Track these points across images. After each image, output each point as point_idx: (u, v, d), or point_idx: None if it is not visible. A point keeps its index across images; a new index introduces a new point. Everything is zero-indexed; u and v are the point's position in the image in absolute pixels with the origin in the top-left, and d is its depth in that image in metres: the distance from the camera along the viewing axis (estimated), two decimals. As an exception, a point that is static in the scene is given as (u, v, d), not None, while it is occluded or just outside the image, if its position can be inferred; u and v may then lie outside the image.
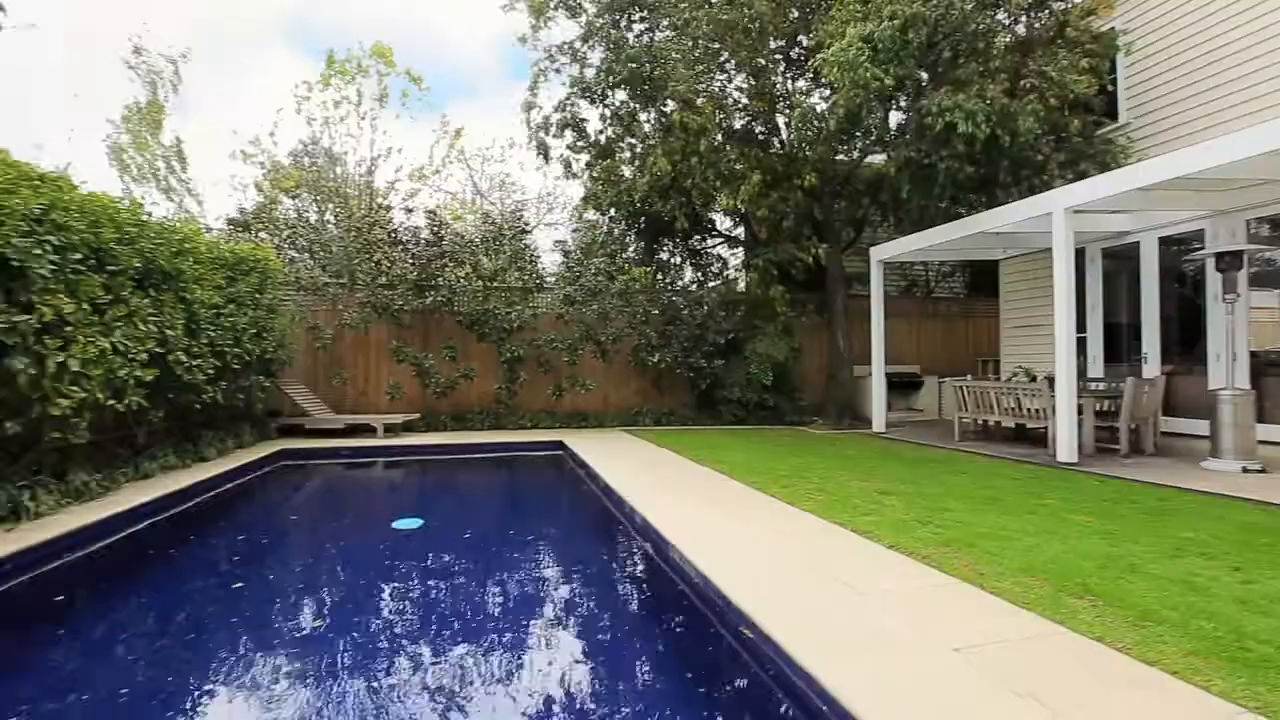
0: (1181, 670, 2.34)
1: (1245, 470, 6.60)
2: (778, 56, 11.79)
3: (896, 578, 3.42)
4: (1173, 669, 2.35)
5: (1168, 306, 8.81)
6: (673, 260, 13.46)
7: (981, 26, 8.19)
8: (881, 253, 10.45)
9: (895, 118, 10.31)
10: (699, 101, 10.11)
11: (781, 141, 11.54)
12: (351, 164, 16.95)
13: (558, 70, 12.19)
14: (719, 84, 11.72)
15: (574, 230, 14.80)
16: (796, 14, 10.98)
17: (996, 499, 5.31)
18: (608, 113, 12.03)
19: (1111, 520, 4.59)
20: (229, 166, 25.79)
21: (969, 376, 10.59)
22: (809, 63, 10.77)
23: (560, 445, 9.40)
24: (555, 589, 4.36)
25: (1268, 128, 5.81)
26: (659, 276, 12.99)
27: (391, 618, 3.80)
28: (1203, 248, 8.02)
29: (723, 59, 11.28)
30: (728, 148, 10.70)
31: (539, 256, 12.23)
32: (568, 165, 12.23)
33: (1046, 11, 8.62)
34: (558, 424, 11.37)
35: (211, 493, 6.55)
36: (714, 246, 13.65)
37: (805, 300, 12.35)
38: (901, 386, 13.15)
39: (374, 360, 11.17)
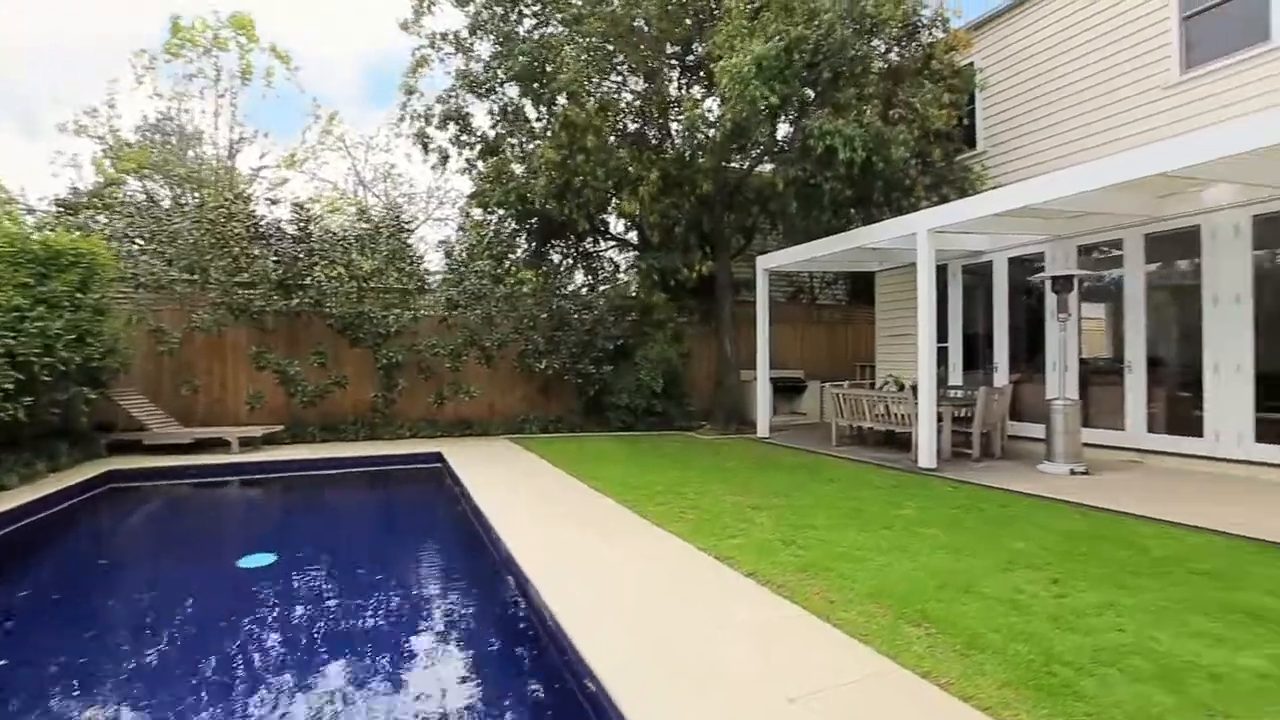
0: (994, 704, 2.42)
1: (1072, 472, 7.28)
2: (673, 61, 11.83)
3: (750, 606, 3.41)
4: (987, 703, 2.43)
5: (1016, 320, 9.59)
6: (564, 263, 13.22)
7: (858, 53, 8.54)
8: (768, 262, 10.73)
9: (786, 128, 10.60)
10: (585, 98, 9.92)
11: (674, 147, 11.61)
12: (209, 146, 15.37)
13: (442, 60, 11.62)
14: (612, 84, 11.61)
15: (459, 229, 14.18)
16: (690, 21, 11.04)
17: (860, 511, 5.51)
18: (495, 108, 11.61)
19: (958, 532, 4.86)
20: (57, 141, 22.75)
21: (846, 384, 11.10)
22: (701, 70, 10.90)
23: (439, 457, 8.94)
24: (401, 645, 3.89)
25: (1094, 166, 6.41)
26: (549, 279, 12.70)
27: (203, 695, 3.22)
28: (1045, 268, 8.83)
29: (617, 60, 11.17)
30: (620, 150, 10.59)
31: (422, 257, 11.61)
32: (445, 158, 11.69)
33: (915, 44, 9.13)
34: (440, 433, 10.84)
35: (4, 530, 5.59)
36: (607, 250, 13.55)
37: (694, 306, 12.51)
38: (786, 391, 13.63)
39: (231, 367, 10.14)
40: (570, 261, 13.35)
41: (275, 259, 9.95)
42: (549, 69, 10.13)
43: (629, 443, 10.16)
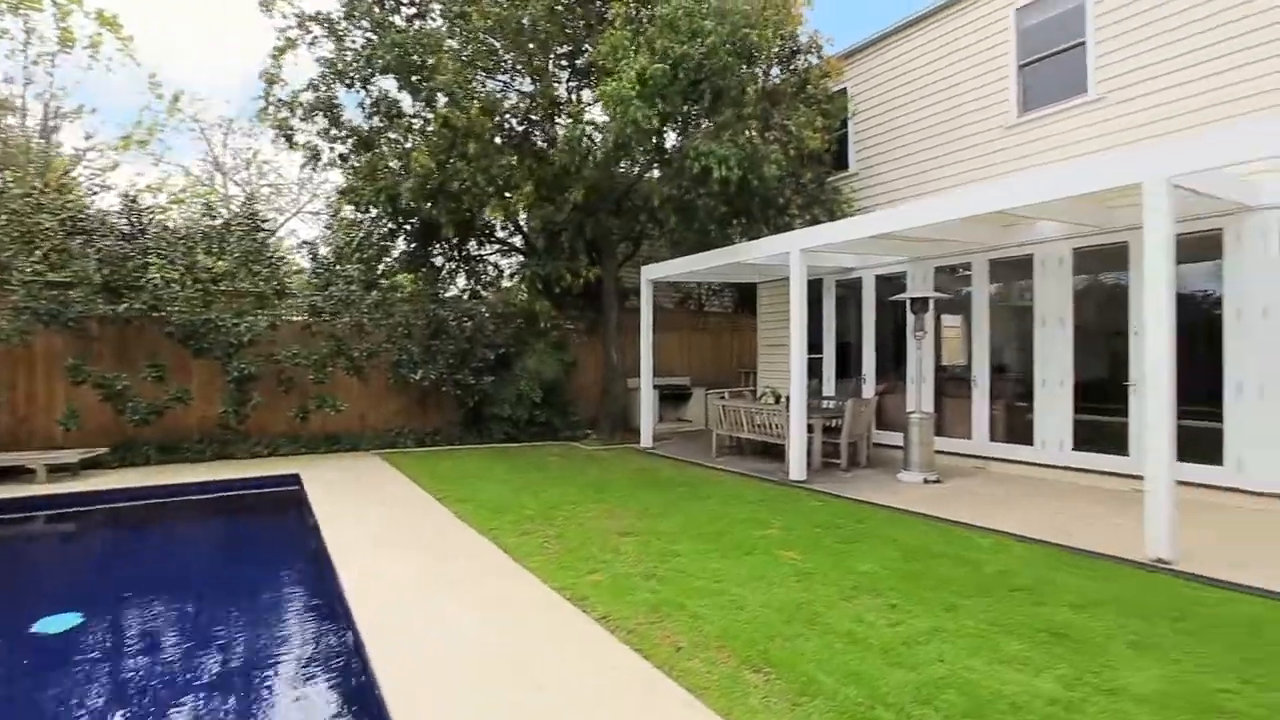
0: (817, 763, 2.44)
1: (925, 481, 7.80)
2: (563, 63, 11.55)
3: (594, 662, 3.29)
4: (810, 763, 2.44)
5: (883, 333, 10.18)
6: (446, 266, 12.62)
7: (738, 75, 8.68)
8: (651, 272, 10.75)
9: (673, 138, 10.60)
10: (467, 101, 9.46)
11: (559, 152, 11.34)
12: (13, 119, 13.29)
13: (312, 44, 10.69)
14: (499, 83, 11.18)
15: (327, 228, 13.18)
16: (579, 24, 10.81)
17: (725, 534, 5.57)
18: (368, 101, 10.85)
19: (815, 554, 5.01)
20: None
21: (726, 394, 11.37)
22: (591, 73, 10.71)
23: (296, 480, 8.21)
24: None
25: (932, 202, 6.86)
26: (429, 284, 12.07)
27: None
28: (902, 280, 9.46)
29: (502, 58, 10.76)
30: (503, 153, 10.21)
31: (283, 258, 10.64)
32: (315, 154, 10.79)
33: (792, 69, 9.41)
34: (303, 449, 10.01)
35: None
36: (491, 254, 13.08)
37: (580, 313, 12.35)
38: (673, 398, 13.81)
39: (43, 380, 8.82)
40: (453, 265, 12.76)
41: (99, 257, 8.73)
42: (429, 62, 9.58)
43: (508, 457, 9.85)
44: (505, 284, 12.48)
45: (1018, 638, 3.50)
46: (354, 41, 10.57)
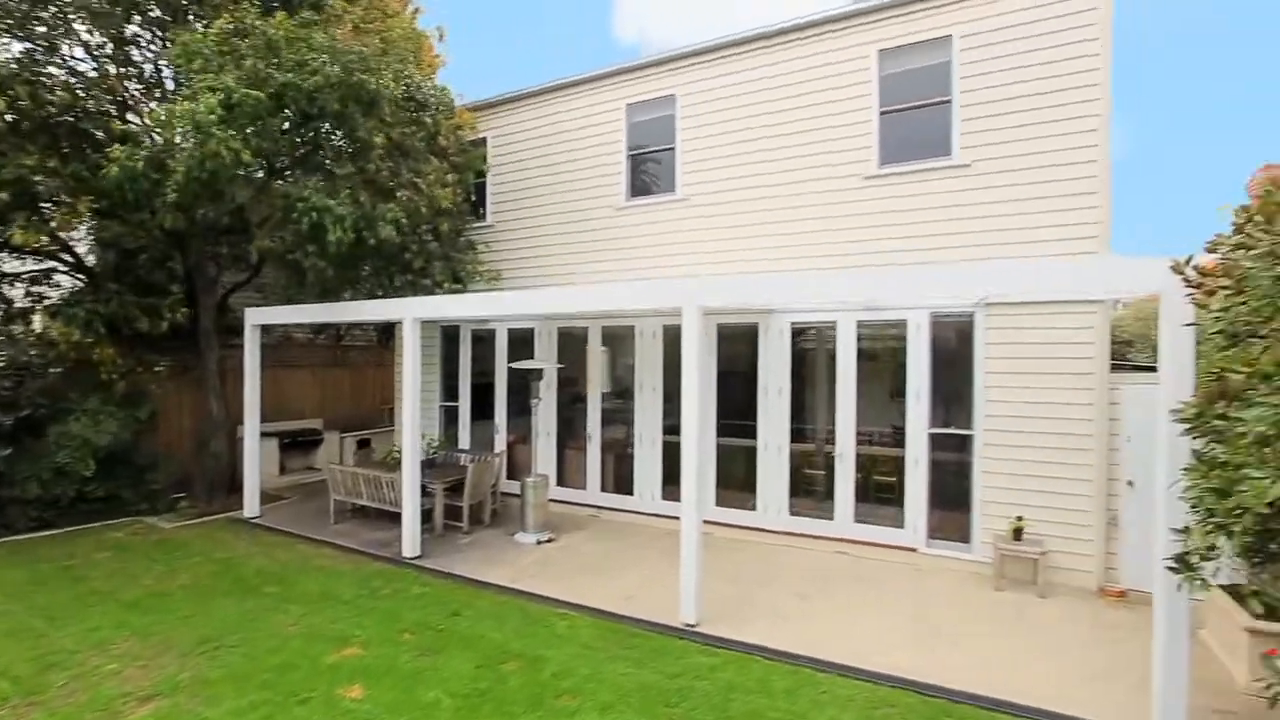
0: None
1: (539, 542, 8.23)
2: (151, 33, 8.98)
3: None
4: None
5: (515, 384, 10.38)
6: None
7: (355, 125, 7.90)
8: (257, 318, 9.26)
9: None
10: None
11: (130, 161, 8.93)
12: None
13: None
14: (40, 43, 8.23)
15: None
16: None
17: (289, 669, 4.95)
18: None
19: (384, 681, 4.75)
20: None
21: (354, 449, 10.47)
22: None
23: None
24: None
25: (523, 296, 7.27)
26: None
27: None
28: (531, 335, 9.91)
29: (57, 8, 7.97)
30: (26, 151, 7.60)
31: None
32: None
33: (419, 121, 8.94)
34: None
35: None
36: (21, 277, 9.67)
37: (171, 356, 10.08)
38: (301, 445, 12.27)
39: None
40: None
41: None
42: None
43: (29, 560, 7.45)
44: (41, 320, 9.29)
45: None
46: None
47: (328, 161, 8.27)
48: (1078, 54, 6.75)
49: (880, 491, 7.73)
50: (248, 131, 7.16)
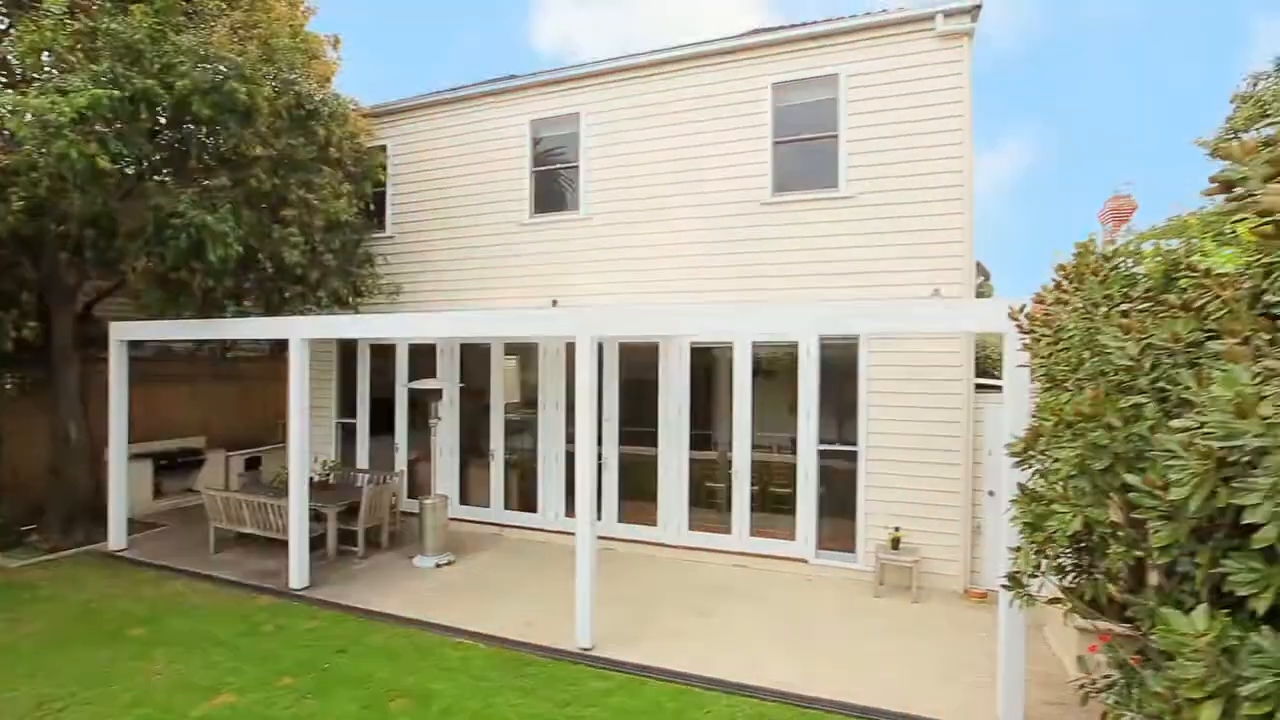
0: None
1: (438, 565, 8.04)
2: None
3: None
4: None
5: (417, 401, 10.12)
6: None
7: (233, 136, 7.42)
8: (123, 333, 8.52)
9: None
10: None
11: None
12: None
13: None
14: None
15: None
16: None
17: (152, 722, 4.61)
18: None
19: (258, 731, 4.51)
20: None
21: (240, 476, 9.82)
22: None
23: None
24: None
25: (410, 319, 7.14)
26: None
27: None
28: (434, 350, 9.66)
29: None
30: None
31: None
32: None
33: (309, 128, 8.50)
34: None
35: None
36: None
37: (19, 373, 9.09)
38: (179, 467, 11.37)
39: None
40: None
41: None
42: None
43: None
44: None
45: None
46: None
47: (200, 168, 7.72)
48: (946, 100, 7.35)
49: (777, 504, 8.09)
50: (105, 133, 6.58)
